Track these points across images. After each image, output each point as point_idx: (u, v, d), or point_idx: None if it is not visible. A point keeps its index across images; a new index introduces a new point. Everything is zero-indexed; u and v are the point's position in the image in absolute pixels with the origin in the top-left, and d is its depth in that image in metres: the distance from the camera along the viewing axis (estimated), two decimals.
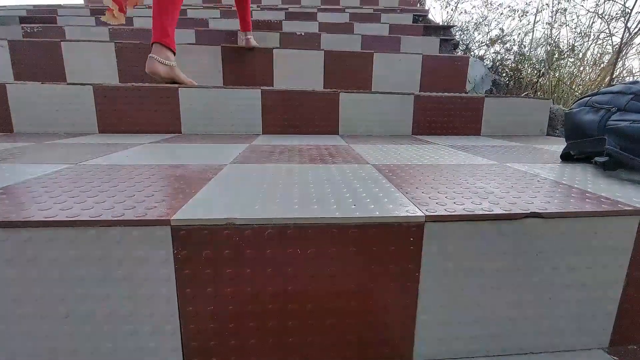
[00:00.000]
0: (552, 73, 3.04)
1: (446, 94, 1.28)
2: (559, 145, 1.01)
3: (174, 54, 1.25)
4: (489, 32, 5.48)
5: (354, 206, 0.41)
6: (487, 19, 5.40)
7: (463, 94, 1.27)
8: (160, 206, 0.39)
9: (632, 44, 2.61)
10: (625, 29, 2.04)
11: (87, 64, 1.77)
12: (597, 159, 0.64)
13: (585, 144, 0.71)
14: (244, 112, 1.18)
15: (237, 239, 0.36)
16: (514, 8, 5.16)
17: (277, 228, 0.37)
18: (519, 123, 1.32)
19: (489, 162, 0.71)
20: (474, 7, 5.14)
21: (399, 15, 2.93)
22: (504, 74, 3.47)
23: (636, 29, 2.11)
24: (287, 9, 3.15)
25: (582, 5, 2.96)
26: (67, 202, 0.40)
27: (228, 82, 1.81)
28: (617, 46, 2.53)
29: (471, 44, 5.21)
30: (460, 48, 4.86)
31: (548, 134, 1.36)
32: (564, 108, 1.42)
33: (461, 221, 0.39)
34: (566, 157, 0.75)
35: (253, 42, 1.96)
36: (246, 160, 0.69)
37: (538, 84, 3.01)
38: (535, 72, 3.24)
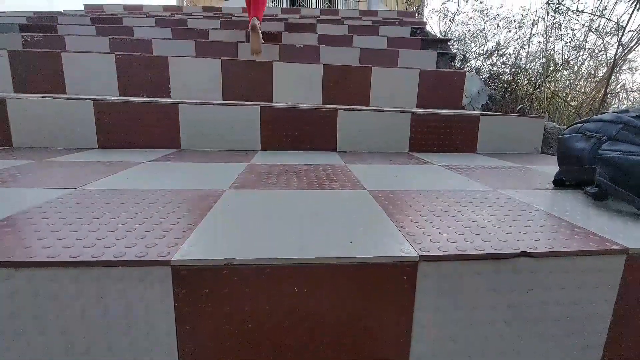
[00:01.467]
0: (547, 85, 3.08)
1: (443, 111, 1.30)
2: (551, 167, 1.03)
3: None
4: (485, 42, 5.56)
5: (350, 243, 0.42)
6: (484, 30, 5.48)
7: (459, 112, 1.29)
8: (161, 243, 0.40)
9: (626, 59, 2.66)
10: (618, 45, 2.08)
11: (87, 74, 1.78)
12: (587, 189, 0.65)
13: (577, 172, 0.73)
14: (243, 129, 1.19)
15: (236, 278, 0.37)
16: (510, 20, 5.23)
17: (275, 268, 0.38)
18: (514, 141, 1.34)
19: (482, 188, 0.72)
20: (471, 18, 5.22)
21: (397, 28, 2.98)
22: (500, 86, 3.51)
23: (629, 46, 2.15)
24: (287, 19, 3.18)
25: (577, 20, 3.01)
26: (68, 237, 0.41)
27: (228, 94, 1.83)
28: (611, 60, 2.57)
29: (468, 54, 5.28)
30: (458, 58, 4.92)
31: (542, 152, 1.39)
32: (558, 126, 1.44)
33: (454, 260, 0.40)
34: (559, 183, 0.77)
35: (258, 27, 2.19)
36: (244, 184, 0.70)
37: (534, 96, 3.05)
38: (532, 83, 3.29)
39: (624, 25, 2.04)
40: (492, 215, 0.54)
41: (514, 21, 4.97)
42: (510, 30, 5.08)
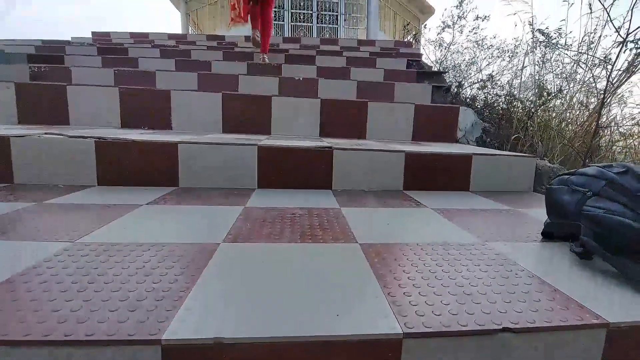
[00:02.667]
0: (540, 115, 3.14)
1: (435, 150, 1.33)
2: (541, 210, 1.05)
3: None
4: (480, 70, 5.72)
5: (337, 316, 0.43)
6: (478, 58, 5.64)
7: (451, 152, 1.33)
8: (152, 317, 0.41)
9: (616, 92, 2.73)
10: (607, 82, 2.15)
11: (91, 107, 1.83)
12: (573, 247, 0.67)
13: (563, 226, 0.75)
14: (241, 168, 1.22)
15: (225, 356, 0.38)
16: (504, 49, 5.40)
17: (264, 345, 0.39)
18: (506, 179, 1.37)
19: (472, 240, 0.74)
20: (466, 48, 5.39)
21: (393, 60, 3.08)
22: (494, 114, 3.59)
23: (616, 84, 2.22)
24: (287, 50, 3.30)
25: (567, 53, 3.12)
26: (63, 309, 0.42)
27: (227, 127, 1.87)
28: (602, 93, 2.64)
29: (464, 81, 5.42)
30: (454, 85, 5.05)
31: (535, 190, 1.41)
32: (549, 164, 1.47)
33: (438, 337, 0.41)
34: (547, 235, 0.79)
35: (267, 60, 2.89)
36: (238, 235, 0.72)
37: (528, 123, 3.10)
38: (525, 111, 3.36)
39: (612, 63, 2.12)
40: (478, 279, 0.56)
41: (507, 50, 5.13)
42: (503, 60, 5.23)
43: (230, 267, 0.56)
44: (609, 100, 2.70)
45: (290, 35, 10.45)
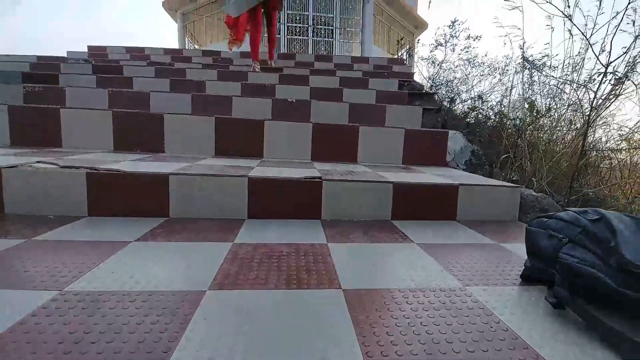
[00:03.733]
0: (529, 133, 3.21)
1: (423, 182, 1.36)
2: (524, 244, 1.08)
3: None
4: (472, 87, 5.82)
5: None
6: (470, 74, 5.76)
7: (438, 183, 1.36)
8: None
9: (601, 115, 2.81)
10: (591, 107, 2.22)
11: (84, 129, 1.84)
12: (547, 297, 0.69)
13: (541, 272, 0.77)
14: (231, 199, 1.23)
15: None
16: (495, 66, 5.52)
17: None
18: (492, 209, 1.40)
19: (453, 286, 0.76)
20: (458, 66, 5.49)
21: (386, 81, 3.14)
22: (485, 132, 3.65)
23: (598, 112, 2.29)
24: (281, 70, 3.35)
25: (553, 76, 3.21)
26: None
27: (220, 150, 1.89)
28: (587, 114, 2.72)
29: (456, 97, 5.51)
30: (445, 101, 5.14)
31: (520, 219, 1.44)
32: (534, 194, 1.51)
33: None
34: (526, 278, 0.81)
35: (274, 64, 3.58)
36: (224, 281, 0.73)
37: (518, 140, 3.15)
38: (515, 129, 3.43)
39: (595, 90, 2.19)
40: (454, 333, 0.58)
41: (498, 68, 5.25)
42: (494, 77, 5.35)
43: (213, 321, 0.58)
44: (594, 120, 2.77)
45: (286, 49, 10.57)
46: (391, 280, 0.77)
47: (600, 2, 2.06)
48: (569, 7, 2.30)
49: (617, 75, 1.89)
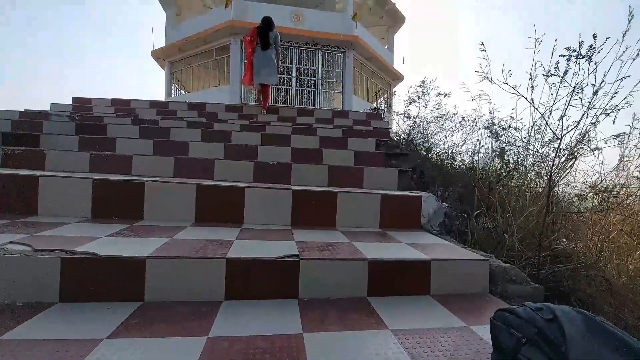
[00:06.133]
0: (499, 189, 3.39)
1: (397, 258, 1.41)
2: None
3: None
4: (445, 138, 6.14)
5: None
6: (444, 126, 6.13)
7: (411, 258, 1.42)
8: None
9: (563, 175, 3.03)
10: (550, 177, 2.41)
11: (62, 197, 1.83)
12: None
13: None
14: (209, 279, 1.24)
15: None
16: (466, 118, 5.89)
17: None
18: (463, 281, 1.46)
19: None
20: (431, 122, 5.87)
21: (363, 140, 3.32)
22: (458, 185, 3.82)
23: (556, 181, 2.48)
24: (264, 129, 3.49)
25: (518, 136, 3.48)
26: None
27: (201, 217, 1.91)
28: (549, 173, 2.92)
29: (432, 146, 5.80)
30: (422, 149, 5.36)
31: (490, 290, 1.50)
32: (502, 265, 1.59)
33: None
34: None
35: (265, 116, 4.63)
36: None
37: (492, 192, 3.29)
38: (486, 184, 3.62)
39: (552, 159, 2.40)
40: None
41: (468, 120, 5.64)
42: (465, 132, 5.71)
43: None
44: (556, 183, 2.98)
45: (271, 99, 11.03)
46: None
47: (561, 80, 2.31)
48: (531, 79, 2.58)
49: (567, 151, 2.10)
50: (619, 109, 2.29)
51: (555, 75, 2.10)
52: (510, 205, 3.11)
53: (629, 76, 2.16)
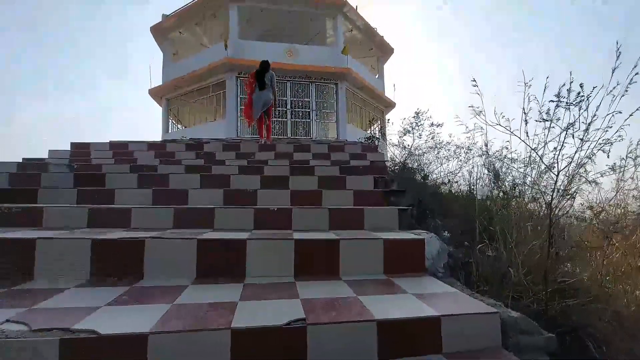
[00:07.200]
0: (498, 220, 3.37)
1: (404, 317, 1.37)
2: None
3: None
4: (441, 164, 6.21)
5: None
6: (439, 154, 6.20)
7: (421, 317, 1.38)
8: None
9: (564, 207, 3.03)
10: (550, 210, 2.41)
11: (59, 259, 1.80)
12: None
13: None
14: (214, 353, 1.20)
15: None
16: (461, 146, 5.96)
17: None
18: (476, 337, 1.42)
19: None
20: (425, 152, 5.97)
21: (361, 178, 3.33)
22: (456, 216, 3.81)
23: (558, 214, 2.50)
24: (262, 170, 3.51)
25: (514, 166, 3.52)
26: None
27: (201, 272, 1.87)
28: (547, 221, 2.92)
29: (429, 174, 5.83)
30: (419, 176, 5.37)
31: (503, 343, 1.45)
32: (511, 315, 1.55)
33: None
34: None
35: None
36: None
37: (490, 228, 3.27)
38: (486, 211, 3.61)
39: (551, 198, 2.42)
40: None
41: (462, 147, 5.72)
42: (460, 160, 5.78)
43: None
44: (555, 224, 2.96)
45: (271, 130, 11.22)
46: None
47: (550, 124, 2.39)
48: (525, 113, 2.65)
49: (562, 191, 2.12)
50: (611, 143, 2.35)
51: (547, 120, 2.16)
52: (512, 237, 3.09)
53: (620, 112, 2.23)
